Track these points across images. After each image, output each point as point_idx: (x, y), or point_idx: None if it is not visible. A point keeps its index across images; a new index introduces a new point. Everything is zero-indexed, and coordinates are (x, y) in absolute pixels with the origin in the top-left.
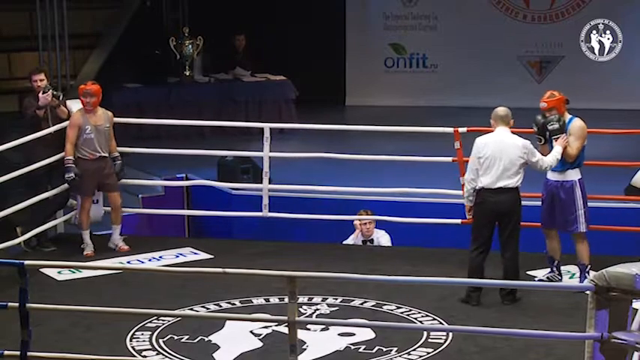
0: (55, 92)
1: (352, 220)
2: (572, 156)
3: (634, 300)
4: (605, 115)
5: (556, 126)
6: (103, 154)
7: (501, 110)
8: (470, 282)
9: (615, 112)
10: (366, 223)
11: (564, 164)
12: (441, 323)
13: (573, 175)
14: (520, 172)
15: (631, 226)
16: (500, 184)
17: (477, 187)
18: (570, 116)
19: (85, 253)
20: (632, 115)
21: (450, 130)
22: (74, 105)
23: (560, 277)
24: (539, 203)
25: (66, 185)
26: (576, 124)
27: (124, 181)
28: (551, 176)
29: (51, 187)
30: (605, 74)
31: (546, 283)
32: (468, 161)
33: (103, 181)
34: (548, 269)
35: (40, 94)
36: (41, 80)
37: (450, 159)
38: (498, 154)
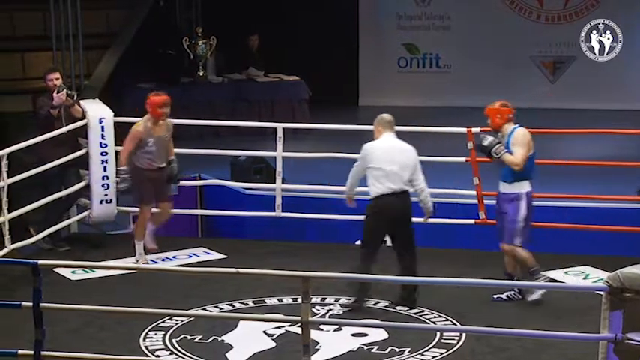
0: (69, 92)
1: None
2: (517, 164)
3: None
4: (618, 115)
5: (489, 139)
6: (161, 166)
7: (387, 116)
8: (490, 283)
9: (630, 113)
10: None
11: (513, 176)
12: (453, 324)
13: (520, 187)
14: (411, 177)
15: None
16: (399, 186)
17: (375, 194)
18: (514, 126)
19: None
20: None
21: (463, 130)
22: (88, 105)
23: (520, 296)
24: (549, 204)
25: (79, 185)
26: (519, 132)
27: None
28: (501, 188)
29: (64, 187)
30: (619, 75)
31: (559, 284)
32: (481, 161)
33: (158, 190)
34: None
35: (55, 94)
36: (57, 79)
37: (463, 159)
38: (391, 159)
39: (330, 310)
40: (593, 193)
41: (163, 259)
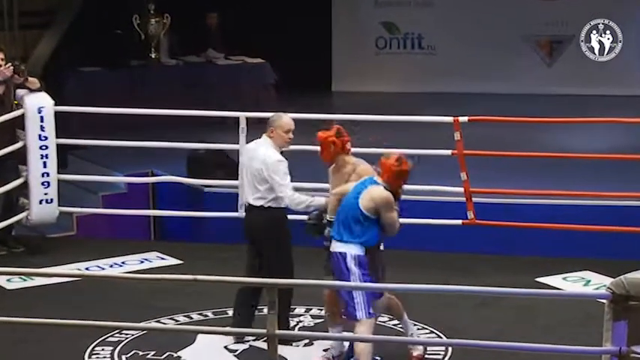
0: (16, 64)
1: None
2: None
3: None
4: (623, 102)
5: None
6: None
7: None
8: (480, 290)
9: (636, 99)
10: None
11: None
12: (439, 336)
13: None
14: (262, 189)
15: None
16: (249, 200)
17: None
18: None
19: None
20: None
21: (450, 119)
22: (27, 98)
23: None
24: (545, 201)
25: (17, 182)
26: None
27: (80, 177)
28: None
29: (2, 183)
30: (623, 56)
31: (557, 291)
32: (469, 154)
33: None
34: None
35: (1, 69)
36: (2, 59)
37: (449, 152)
38: (247, 166)
39: (300, 322)
40: (595, 190)
41: (111, 265)
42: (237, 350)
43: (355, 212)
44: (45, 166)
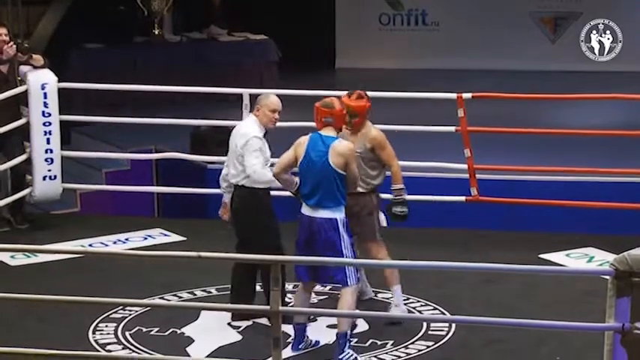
0: (19, 42)
1: None
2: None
3: None
4: (628, 78)
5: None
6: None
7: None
8: (483, 267)
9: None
10: None
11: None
12: (442, 313)
13: None
14: (239, 166)
15: None
16: (232, 179)
17: None
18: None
19: None
20: None
21: (453, 96)
22: (30, 74)
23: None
24: (549, 178)
25: (22, 157)
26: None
27: (84, 153)
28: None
29: (6, 159)
30: (630, 32)
31: (560, 268)
32: (473, 131)
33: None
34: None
35: (5, 47)
36: (6, 35)
37: (452, 128)
38: (231, 144)
39: None
40: (600, 166)
41: (115, 242)
42: (240, 327)
43: (330, 175)
44: (48, 143)
